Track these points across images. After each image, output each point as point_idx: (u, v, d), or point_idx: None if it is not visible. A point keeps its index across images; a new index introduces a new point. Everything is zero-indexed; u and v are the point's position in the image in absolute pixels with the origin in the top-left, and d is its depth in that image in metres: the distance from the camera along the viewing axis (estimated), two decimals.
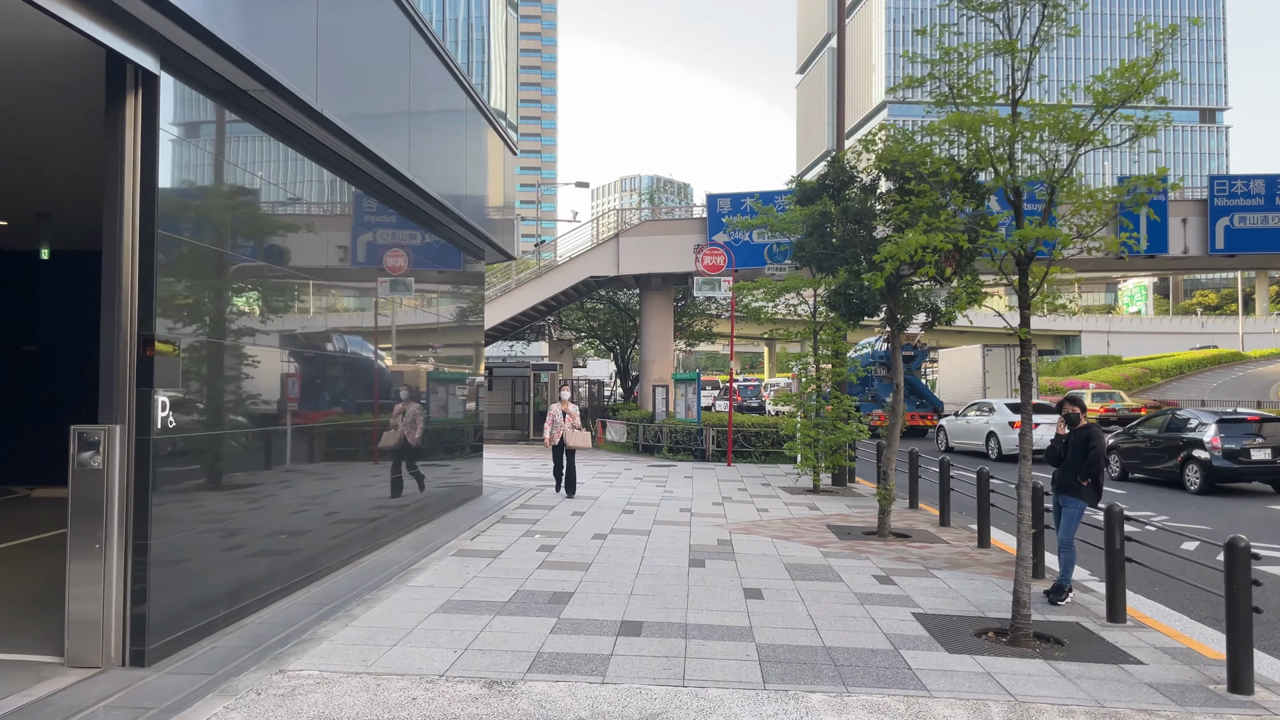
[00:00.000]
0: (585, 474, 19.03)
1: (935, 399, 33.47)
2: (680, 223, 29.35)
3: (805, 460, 16.77)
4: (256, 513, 7.45)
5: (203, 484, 6.66)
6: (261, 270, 7.57)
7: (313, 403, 8.54)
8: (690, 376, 24.25)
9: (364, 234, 10.09)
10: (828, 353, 17.13)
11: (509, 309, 28.80)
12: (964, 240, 7.33)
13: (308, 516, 8.39)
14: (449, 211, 11.91)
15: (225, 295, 7.00)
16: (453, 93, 11.84)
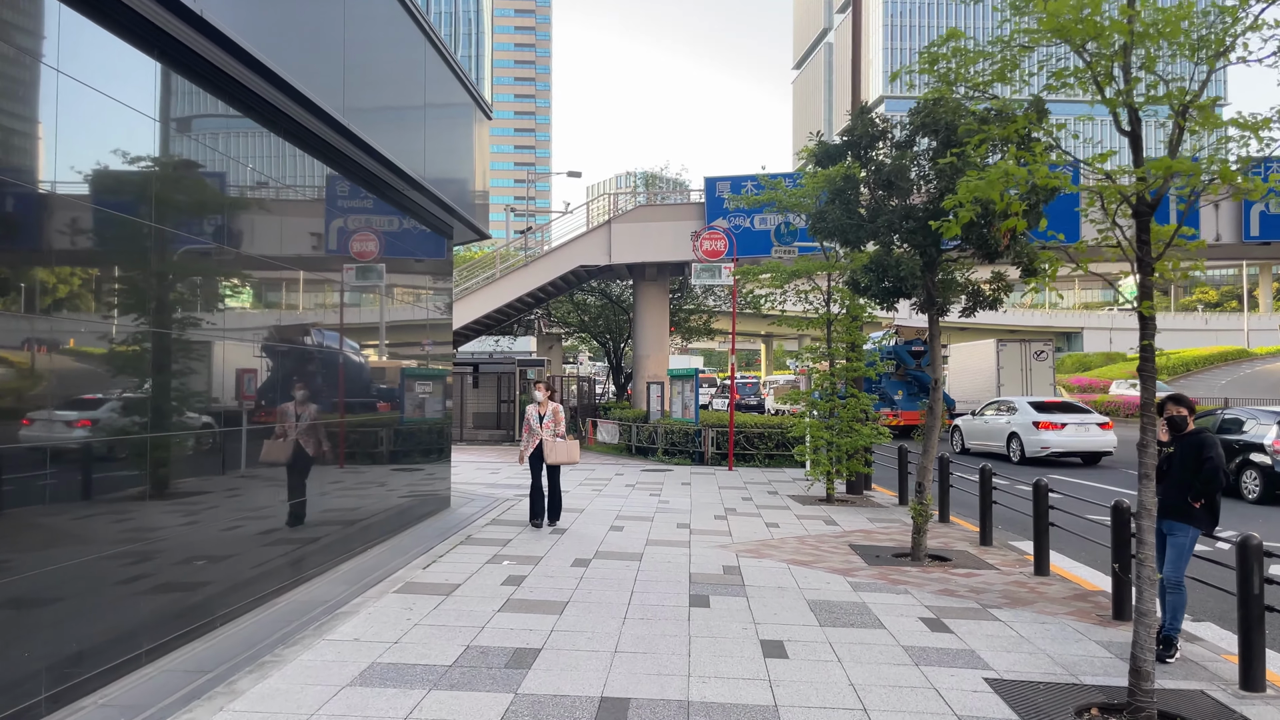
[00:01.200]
0: (571, 480, 17.13)
1: (946, 397, 31.60)
2: (676, 208, 27.44)
3: (817, 466, 14.87)
4: (117, 547, 5.53)
5: (43, 507, 4.75)
6: (110, 225, 5.65)
7: (202, 402, 6.63)
8: (687, 373, 22.36)
9: (282, 195, 8.19)
10: (842, 345, 15.27)
11: (493, 301, 26.88)
12: (1064, 181, 5.43)
13: (201, 544, 6.48)
14: (402, 174, 10.00)
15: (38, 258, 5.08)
16: (403, 26, 9.92)
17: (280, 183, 7.94)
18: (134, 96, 5.74)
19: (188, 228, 6.41)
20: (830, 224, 9.97)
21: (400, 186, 10.52)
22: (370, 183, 10.04)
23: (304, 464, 8.14)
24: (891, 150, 9.74)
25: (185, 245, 6.35)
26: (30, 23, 4.99)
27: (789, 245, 16.38)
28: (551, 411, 11.63)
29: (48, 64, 4.95)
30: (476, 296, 27.23)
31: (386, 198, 10.62)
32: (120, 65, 5.65)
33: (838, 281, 15.13)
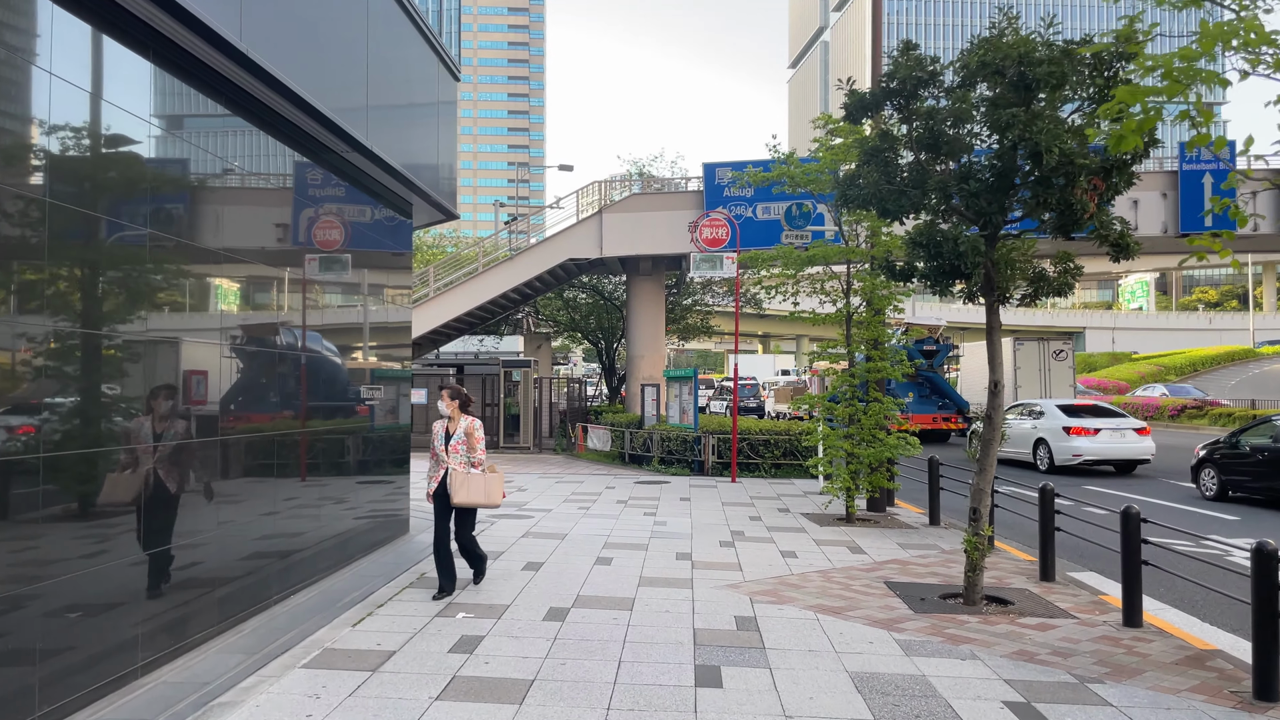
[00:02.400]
0: (555, 495, 15.22)
1: (960, 399, 29.76)
2: (673, 197, 25.53)
3: (835, 481, 12.96)
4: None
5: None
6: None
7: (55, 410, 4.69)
8: (685, 374, 20.46)
9: (190, 155, 6.26)
10: (862, 342, 13.38)
11: (475, 297, 24.95)
12: None
13: (20, 618, 4.55)
14: (342, 134, 8.10)
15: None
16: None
17: (220, 142, 6.01)
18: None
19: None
20: (864, 191, 8.06)
21: (343, 151, 8.59)
22: (310, 149, 8.13)
23: (169, 496, 6.12)
24: (944, 97, 7.83)
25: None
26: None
27: (802, 230, 14.49)
28: (464, 430, 8.19)
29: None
30: (457, 292, 25.29)
31: (322, 161, 8.71)
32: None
33: (859, 269, 13.24)
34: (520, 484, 17.23)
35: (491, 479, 8.21)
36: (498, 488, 8.28)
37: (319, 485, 8.68)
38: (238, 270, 7.11)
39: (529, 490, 16.20)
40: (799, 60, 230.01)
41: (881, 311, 13.46)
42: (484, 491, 8.11)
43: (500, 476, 8.39)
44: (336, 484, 9.13)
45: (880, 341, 13.37)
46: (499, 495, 8.30)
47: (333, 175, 9.08)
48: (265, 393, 7.69)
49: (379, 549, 10.04)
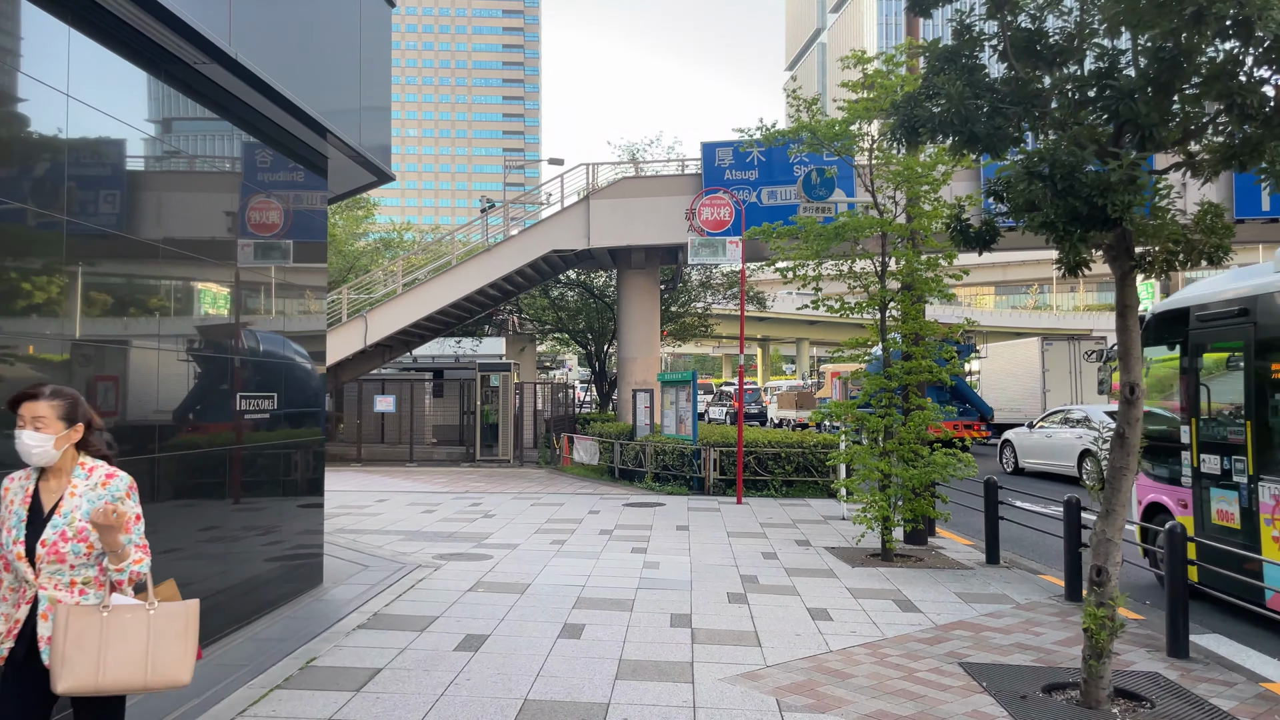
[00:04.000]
0: (528, 523, 12.64)
1: (984, 405, 27.19)
2: (668, 181, 22.96)
3: (869, 510, 10.40)
4: None
5: None
6: None
7: None
8: (683, 378, 17.93)
9: None
10: (899, 336, 10.86)
11: (448, 294, 22.38)
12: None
13: None
14: (188, 32, 5.56)
15: None
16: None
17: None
18: None
19: None
20: (943, 109, 5.52)
21: (183, 51, 6.03)
22: (139, 50, 5.58)
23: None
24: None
25: None
26: None
27: (824, 200, 11.95)
28: (88, 499, 3.31)
29: None
30: (429, 288, 22.73)
31: (175, 82, 6.17)
32: None
33: (897, 244, 10.69)
34: (488, 508, 14.66)
35: (164, 623, 3.28)
36: (179, 648, 3.29)
37: (179, 520, 6.12)
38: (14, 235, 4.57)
39: (496, 516, 13.62)
40: (796, 63, 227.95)
41: (922, 299, 10.95)
42: (143, 659, 3.21)
43: (188, 615, 3.36)
44: (212, 521, 6.57)
45: (922, 336, 10.84)
46: (184, 665, 3.30)
47: (195, 103, 6.54)
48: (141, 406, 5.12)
49: (266, 615, 7.45)
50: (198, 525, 6.52)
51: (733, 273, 30.44)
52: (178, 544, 6.21)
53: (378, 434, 26.58)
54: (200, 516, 6.58)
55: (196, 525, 6.50)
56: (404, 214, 77.24)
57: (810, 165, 14.01)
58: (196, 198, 6.79)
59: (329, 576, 8.81)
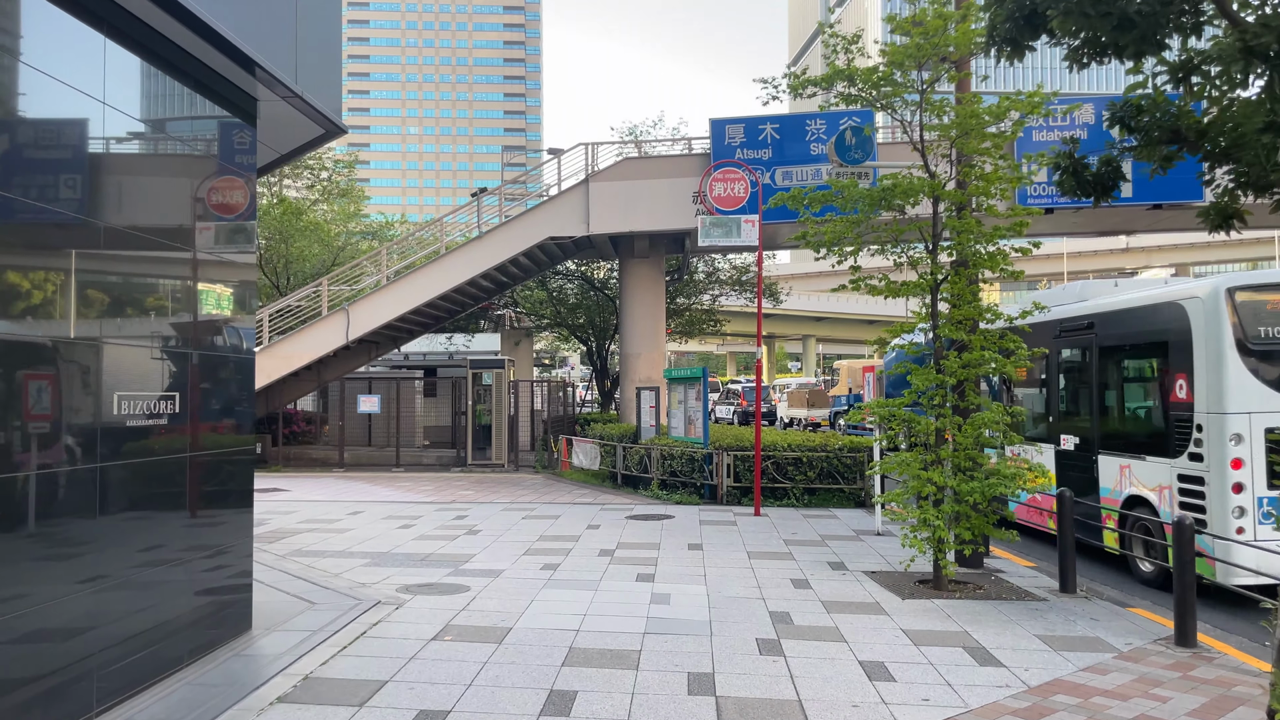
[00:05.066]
0: (516, 542, 10.94)
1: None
2: (674, 161, 21.22)
3: (922, 530, 8.68)
4: None
5: None
6: None
7: None
8: (692, 375, 16.23)
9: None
10: (951, 321, 9.14)
11: (437, 285, 20.68)
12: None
13: None
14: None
15: None
16: None
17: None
18: None
19: None
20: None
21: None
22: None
23: None
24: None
25: None
26: None
27: (859, 164, 10.22)
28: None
29: None
30: (417, 278, 21.02)
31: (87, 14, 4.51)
32: None
33: (952, 213, 8.96)
34: (474, 521, 12.97)
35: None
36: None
37: (27, 558, 4.43)
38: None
39: (482, 533, 11.93)
40: (798, 58, 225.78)
41: (978, 280, 9.26)
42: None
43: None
44: (66, 553, 4.88)
45: (983, 320, 9.14)
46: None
47: (81, 22, 4.86)
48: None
49: (167, 676, 5.75)
50: (59, 562, 4.83)
51: (742, 264, 28.73)
52: (24, 588, 4.52)
53: (364, 436, 24.92)
54: (62, 551, 4.89)
55: (57, 562, 4.81)
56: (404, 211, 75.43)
57: (847, 122, 12.28)
58: (53, 138, 5.10)
59: (262, 619, 7.11)
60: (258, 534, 11.67)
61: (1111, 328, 10.46)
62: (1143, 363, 10.18)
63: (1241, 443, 8.46)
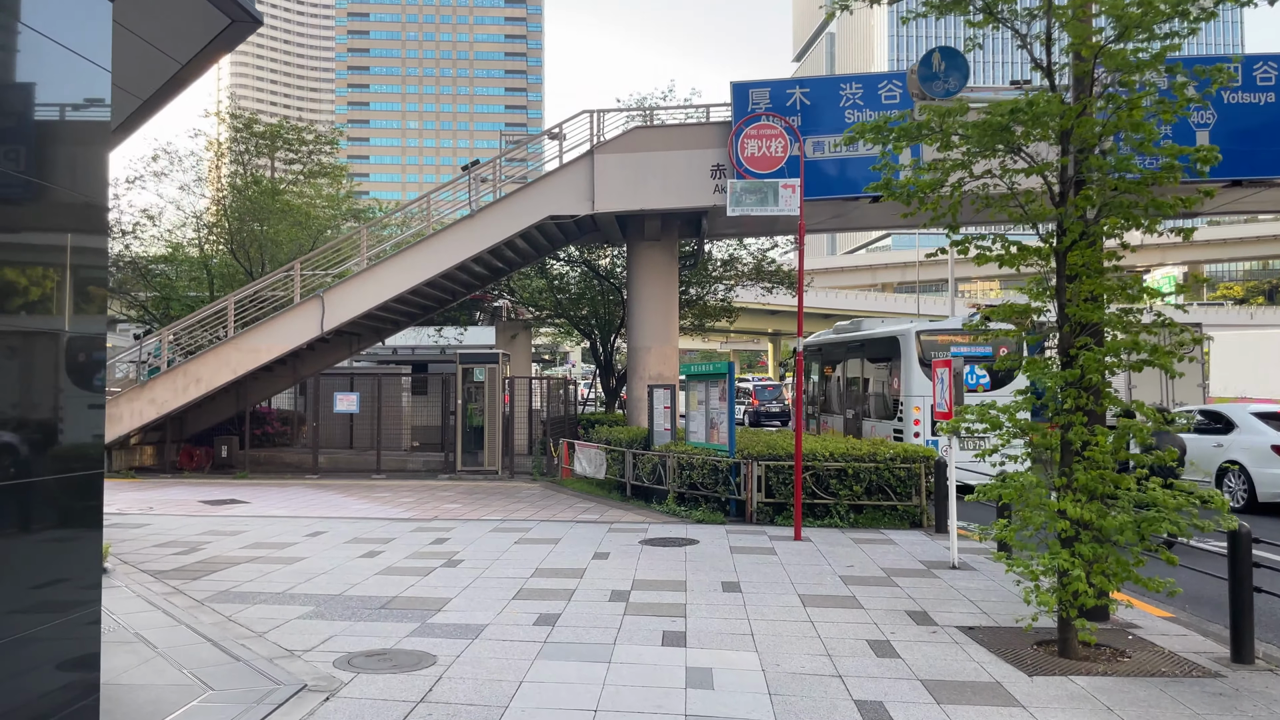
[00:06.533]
0: (504, 580, 8.61)
1: None
2: (689, 131, 18.88)
3: (1047, 573, 6.40)
4: None
5: None
6: None
7: None
8: (715, 371, 13.94)
9: None
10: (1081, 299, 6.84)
11: (423, 269, 18.39)
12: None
13: None
14: None
15: None
16: None
17: None
18: None
19: None
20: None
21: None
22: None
23: None
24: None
25: None
26: None
27: (952, 95, 7.85)
28: None
29: None
30: (400, 262, 18.76)
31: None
32: None
33: (1097, 148, 6.65)
34: (456, 546, 10.68)
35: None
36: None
37: None
38: None
39: (464, 564, 9.63)
40: (804, 53, 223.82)
41: (1113, 250, 6.98)
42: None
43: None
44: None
45: (1117, 296, 6.87)
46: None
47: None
48: None
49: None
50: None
51: (758, 250, 26.40)
52: None
53: (345, 438, 22.63)
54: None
55: None
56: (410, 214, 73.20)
57: (884, 84, 9.97)
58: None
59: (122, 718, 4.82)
60: (184, 564, 9.40)
61: (869, 349, 17.90)
62: (882, 367, 17.63)
63: (917, 410, 15.77)
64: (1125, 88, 6.43)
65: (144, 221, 23.89)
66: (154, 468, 19.96)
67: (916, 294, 76.54)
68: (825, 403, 21.94)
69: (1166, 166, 6.29)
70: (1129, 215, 6.43)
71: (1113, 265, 6.80)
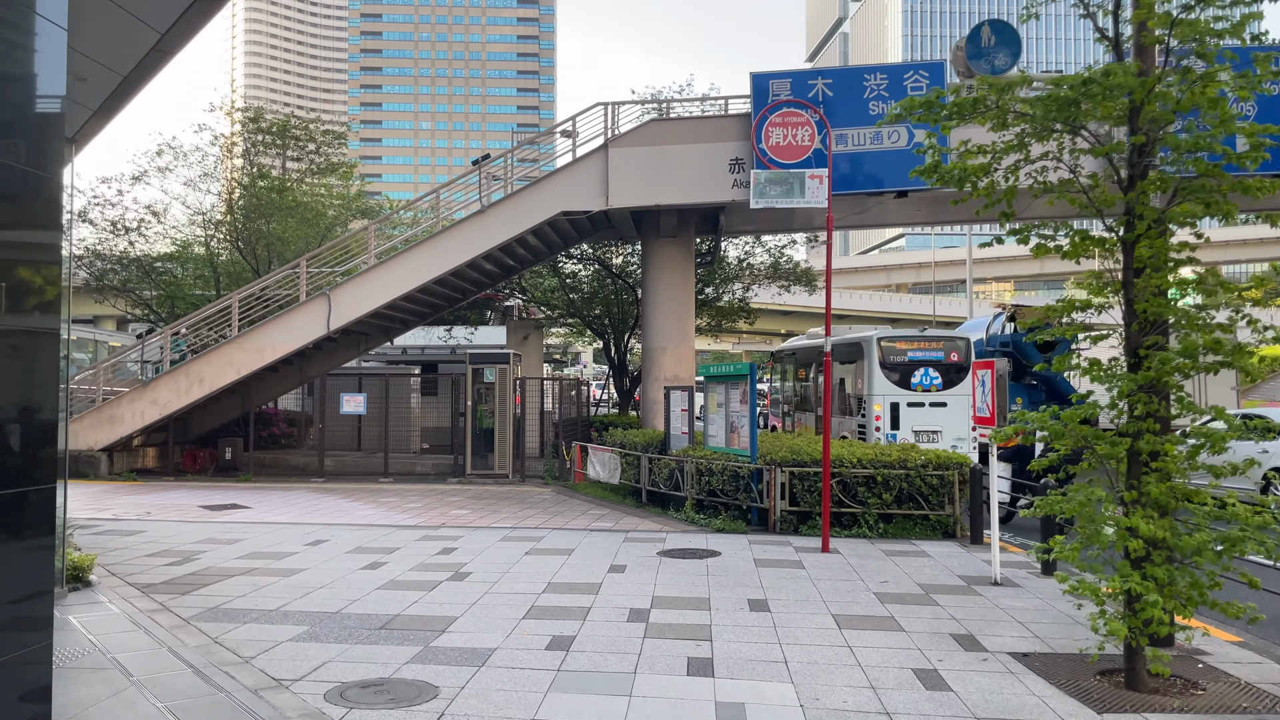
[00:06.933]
0: (514, 595, 8.02)
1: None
2: (707, 124, 18.26)
3: (1114, 599, 5.78)
4: None
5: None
6: None
7: None
8: (736, 371, 13.32)
9: None
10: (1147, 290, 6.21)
11: (432, 267, 17.83)
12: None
13: None
14: None
15: None
16: None
17: None
18: None
19: None
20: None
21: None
22: None
23: None
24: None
25: None
26: None
27: (1003, 72, 7.15)
28: None
29: None
30: (408, 260, 18.21)
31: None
32: None
33: (1170, 125, 6.02)
34: (464, 556, 10.09)
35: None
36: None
37: None
38: None
39: (471, 577, 9.05)
40: (816, 53, 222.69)
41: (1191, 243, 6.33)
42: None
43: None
44: None
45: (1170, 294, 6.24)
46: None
47: None
48: None
49: None
50: None
51: (775, 247, 25.76)
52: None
53: (353, 440, 22.06)
54: None
55: None
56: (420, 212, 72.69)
57: (910, 76, 9.36)
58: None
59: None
60: (175, 576, 8.85)
61: (836, 353, 18.12)
62: (848, 369, 19.10)
63: (879, 408, 17.18)
64: (1203, 59, 5.78)
65: (149, 218, 23.41)
66: (157, 470, 19.46)
67: (933, 295, 75.67)
68: (799, 402, 23.12)
69: (1254, 145, 5.63)
70: (1209, 201, 5.79)
71: (1186, 257, 6.15)
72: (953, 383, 17.50)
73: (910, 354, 17.73)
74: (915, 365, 17.53)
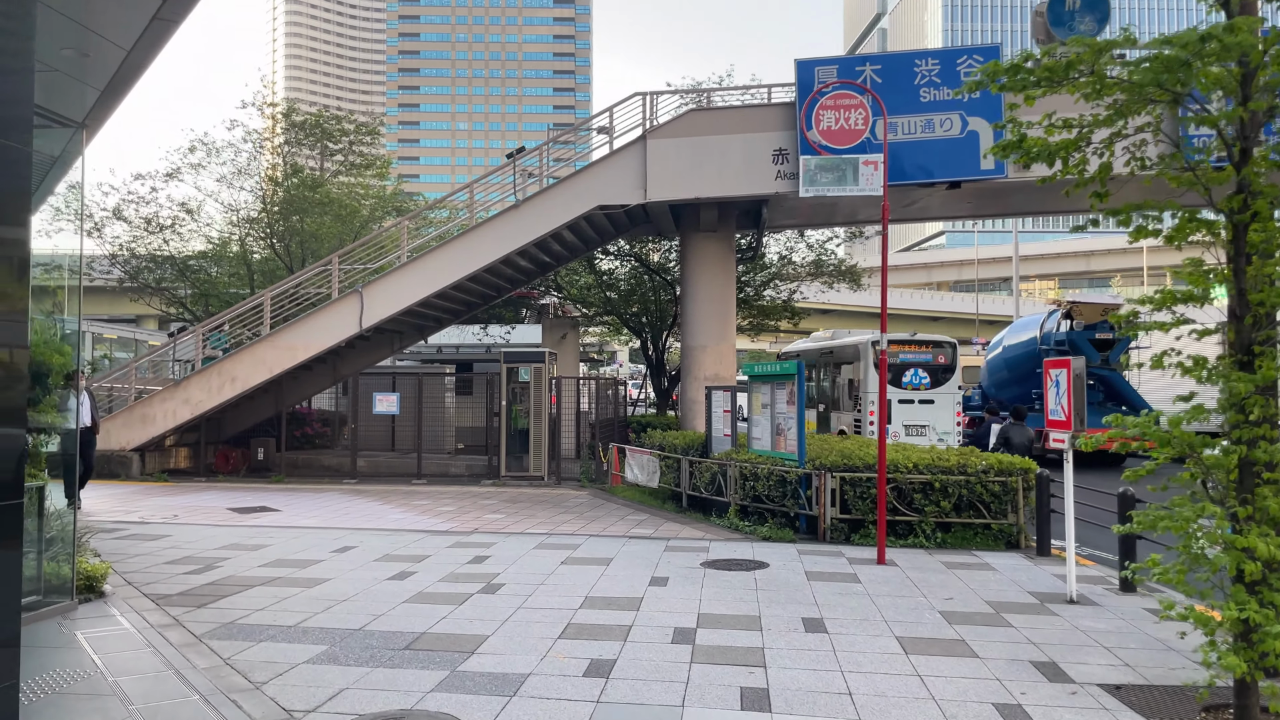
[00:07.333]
0: (548, 610, 7.44)
1: (1138, 400, 21.25)
2: (749, 114, 17.57)
3: (1231, 626, 5.08)
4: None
5: None
6: None
7: None
8: (783, 370, 12.66)
9: None
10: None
11: (465, 263, 17.35)
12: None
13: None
14: None
15: None
16: None
17: None
18: None
19: None
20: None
21: None
22: None
23: None
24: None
25: None
26: None
27: (1094, 29, 6.52)
28: None
29: None
30: (441, 256, 17.77)
31: None
32: None
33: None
34: (496, 566, 9.56)
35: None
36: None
37: None
38: None
39: (505, 588, 8.51)
40: (854, 49, 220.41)
41: None
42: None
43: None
44: None
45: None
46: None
47: None
48: None
49: None
50: None
51: (818, 245, 25.01)
52: None
53: (386, 440, 21.70)
54: None
55: None
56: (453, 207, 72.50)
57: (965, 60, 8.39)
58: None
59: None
60: (193, 586, 8.40)
61: (837, 355, 21.20)
62: (849, 368, 20.98)
63: (874, 403, 17.33)
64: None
65: (182, 216, 23.22)
66: (189, 470, 19.20)
67: (975, 293, 74.21)
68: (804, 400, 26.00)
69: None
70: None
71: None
72: (939, 382, 19.59)
73: (902, 356, 19.83)
74: (905, 366, 19.74)
